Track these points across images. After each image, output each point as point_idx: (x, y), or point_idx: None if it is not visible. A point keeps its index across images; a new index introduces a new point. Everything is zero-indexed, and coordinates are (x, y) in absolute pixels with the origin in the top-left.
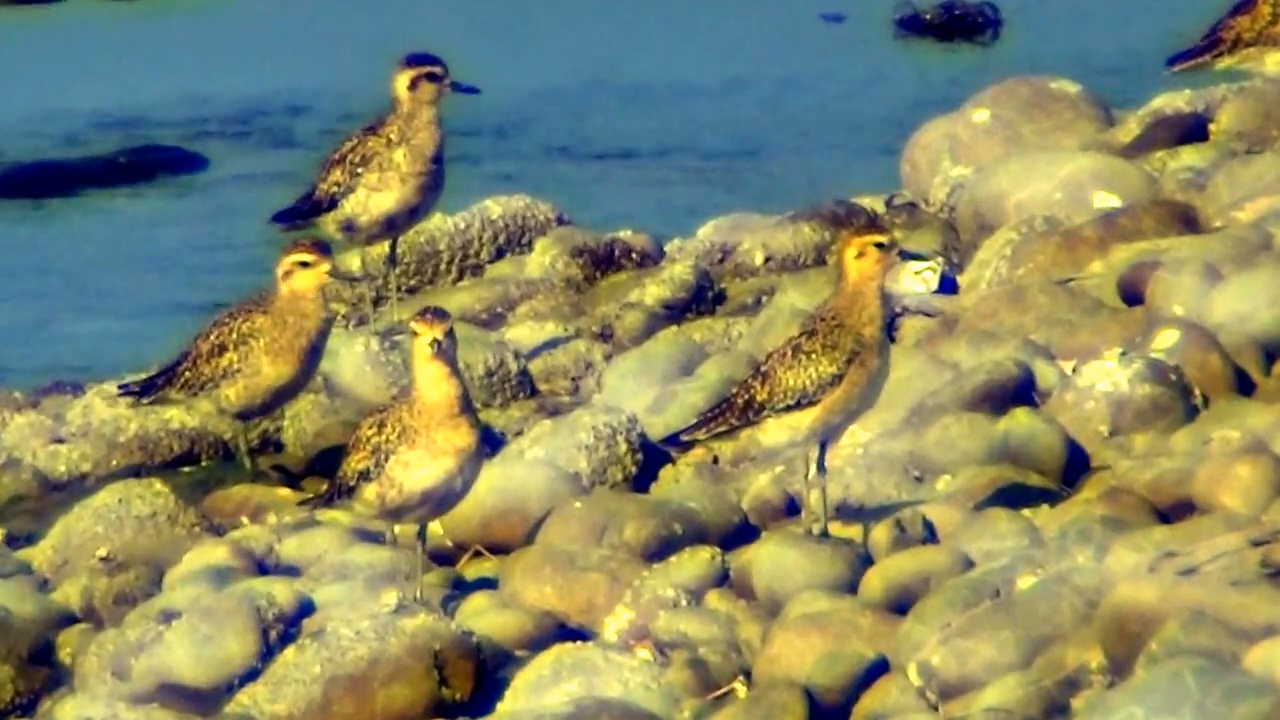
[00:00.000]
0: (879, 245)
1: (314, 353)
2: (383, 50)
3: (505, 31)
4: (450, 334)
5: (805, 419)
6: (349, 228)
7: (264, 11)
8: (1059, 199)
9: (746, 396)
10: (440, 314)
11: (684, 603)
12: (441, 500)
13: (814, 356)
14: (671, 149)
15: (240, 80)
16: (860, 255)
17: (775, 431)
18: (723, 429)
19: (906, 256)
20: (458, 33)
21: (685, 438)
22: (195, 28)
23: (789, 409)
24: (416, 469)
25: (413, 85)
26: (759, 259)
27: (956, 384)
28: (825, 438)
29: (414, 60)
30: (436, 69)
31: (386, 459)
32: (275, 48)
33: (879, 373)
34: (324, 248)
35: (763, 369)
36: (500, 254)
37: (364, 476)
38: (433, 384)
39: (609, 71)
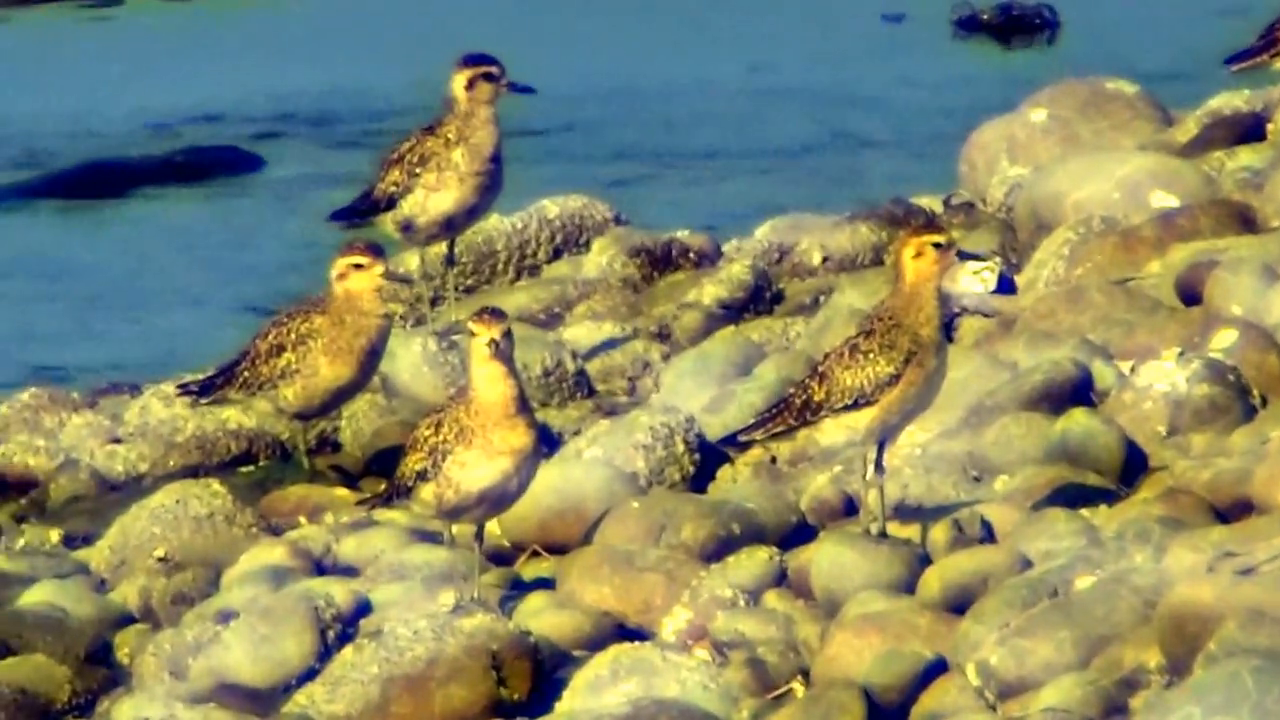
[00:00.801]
0: (937, 245)
1: (373, 354)
2: (440, 50)
3: (562, 31)
4: (508, 334)
5: (863, 419)
6: (407, 227)
7: (320, 12)
8: (1117, 199)
9: (804, 396)
10: (498, 314)
11: (742, 603)
12: (498, 500)
13: (871, 356)
14: (729, 149)
15: (297, 80)
16: (918, 255)
17: (833, 431)
18: (780, 429)
19: (964, 256)
20: (515, 32)
21: (743, 438)
22: (251, 28)
23: (846, 409)
24: (473, 469)
25: (470, 85)
26: (817, 259)
27: (1014, 384)
28: (883, 438)
29: (471, 60)
30: (493, 69)
31: (443, 459)
32: (331, 47)
33: (936, 373)
34: (378, 250)
35: (820, 369)
36: (558, 254)
37: (421, 477)
38: (490, 384)
39: (666, 71)
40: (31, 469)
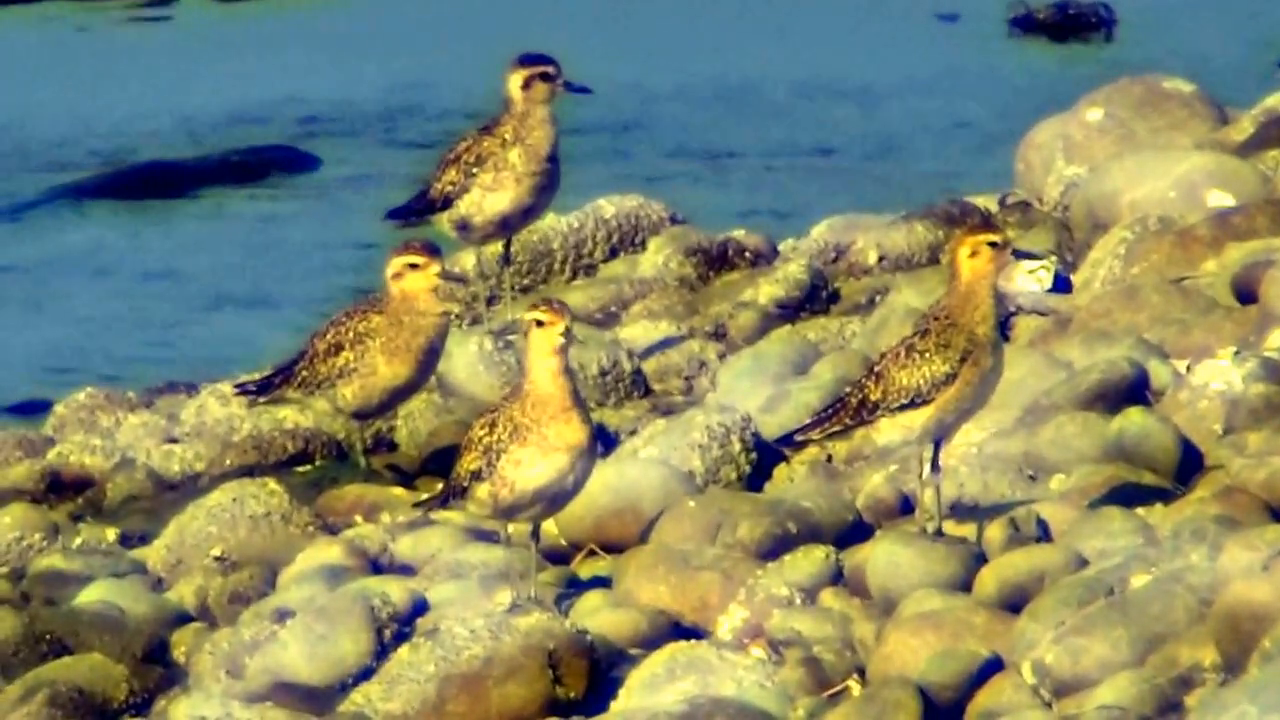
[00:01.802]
0: (992, 244)
1: (431, 353)
2: (496, 49)
3: (618, 31)
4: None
5: (919, 418)
6: (463, 227)
7: (377, 11)
8: (1173, 198)
9: (860, 396)
10: (564, 304)
11: (798, 601)
12: (554, 498)
13: (927, 355)
14: (785, 149)
15: (353, 79)
16: (974, 254)
17: (889, 431)
18: (836, 428)
19: (1020, 256)
20: (571, 31)
21: (799, 437)
22: (308, 27)
23: (903, 408)
24: (529, 467)
25: (526, 85)
26: (872, 258)
27: (1070, 383)
28: (939, 436)
29: (527, 60)
30: (550, 69)
31: (498, 458)
32: (388, 47)
33: (992, 372)
34: (433, 249)
35: (876, 368)
36: (614, 253)
37: (476, 477)
38: (549, 376)
39: (722, 71)
40: (88, 468)
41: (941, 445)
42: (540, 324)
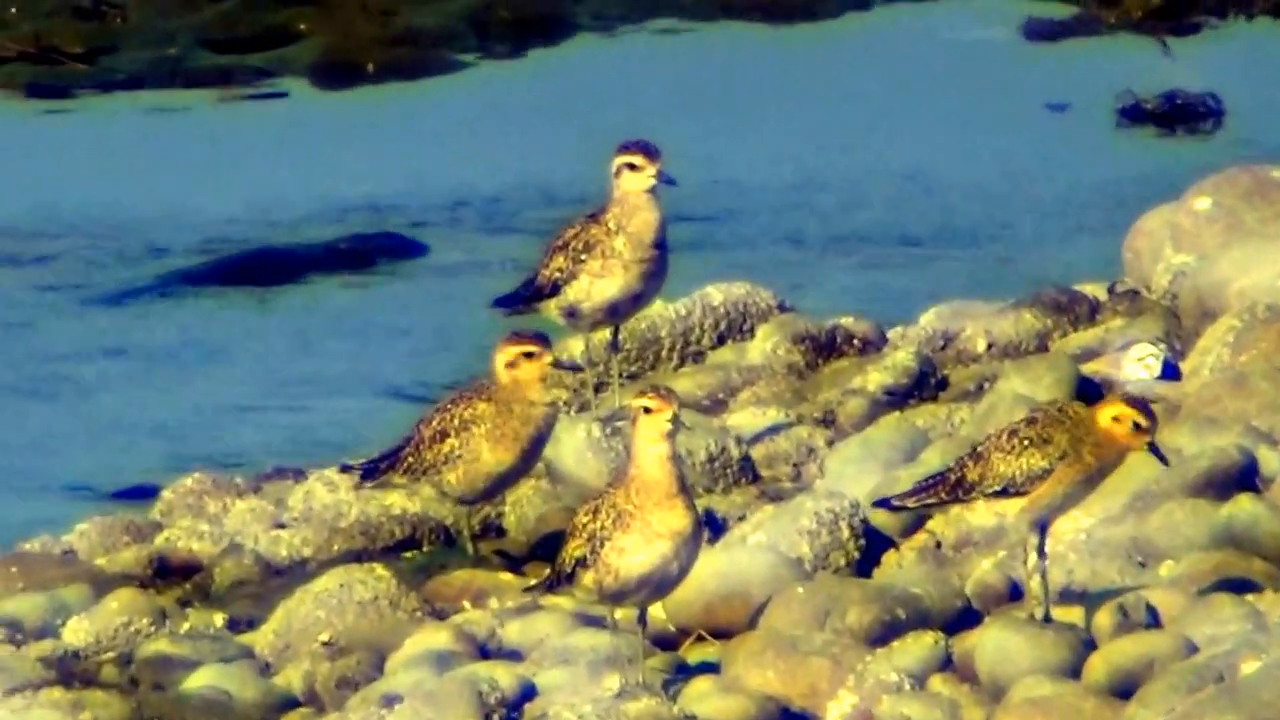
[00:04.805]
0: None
1: (537, 442)
2: (604, 135)
3: (727, 117)
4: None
5: (1012, 507)
6: (572, 314)
7: (482, 98)
8: None
9: (960, 474)
10: (671, 392)
11: (907, 687)
12: (659, 584)
13: (1028, 447)
14: (893, 236)
15: (459, 167)
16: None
17: (984, 514)
18: (933, 500)
19: (1127, 345)
20: (679, 117)
21: (896, 502)
22: (414, 115)
23: (996, 494)
24: (632, 554)
25: (617, 173)
26: (981, 345)
27: (1179, 470)
28: (1041, 525)
29: (624, 148)
30: (637, 158)
31: (602, 545)
32: (495, 134)
33: (1097, 473)
34: (544, 338)
35: (979, 450)
36: (721, 340)
37: (581, 563)
38: (657, 463)
39: (830, 159)
40: (196, 554)
41: (1047, 531)
42: (648, 410)
